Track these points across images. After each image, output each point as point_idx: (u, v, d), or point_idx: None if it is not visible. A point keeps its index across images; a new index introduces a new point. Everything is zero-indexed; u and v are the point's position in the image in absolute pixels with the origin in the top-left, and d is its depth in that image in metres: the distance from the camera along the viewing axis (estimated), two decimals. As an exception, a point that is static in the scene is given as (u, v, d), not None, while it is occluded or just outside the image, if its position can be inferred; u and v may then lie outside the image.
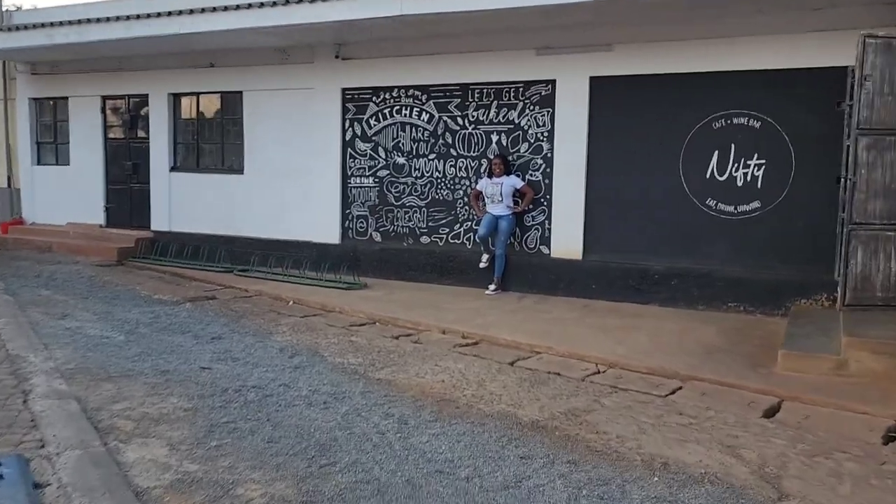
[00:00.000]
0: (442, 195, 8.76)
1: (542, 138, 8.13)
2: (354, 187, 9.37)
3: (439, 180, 8.76)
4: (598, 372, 5.37)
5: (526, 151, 8.23)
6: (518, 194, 8.10)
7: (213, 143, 10.57)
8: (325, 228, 9.54)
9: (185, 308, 7.36)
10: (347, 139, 9.37)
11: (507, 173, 8.09)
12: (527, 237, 8.30)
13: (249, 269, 9.43)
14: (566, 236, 8.00)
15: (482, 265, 8.32)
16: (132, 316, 6.86)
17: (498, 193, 8.05)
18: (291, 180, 9.77)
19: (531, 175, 8.21)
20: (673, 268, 7.45)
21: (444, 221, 8.77)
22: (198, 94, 10.56)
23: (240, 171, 10.23)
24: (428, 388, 4.85)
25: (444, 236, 8.81)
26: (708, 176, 7.32)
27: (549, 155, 8.08)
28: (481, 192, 8.24)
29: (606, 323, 6.72)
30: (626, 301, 7.62)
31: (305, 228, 9.71)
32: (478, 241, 8.29)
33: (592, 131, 7.82)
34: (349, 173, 9.39)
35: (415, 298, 7.87)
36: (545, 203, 8.15)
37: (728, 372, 5.18)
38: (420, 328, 6.74)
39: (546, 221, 8.17)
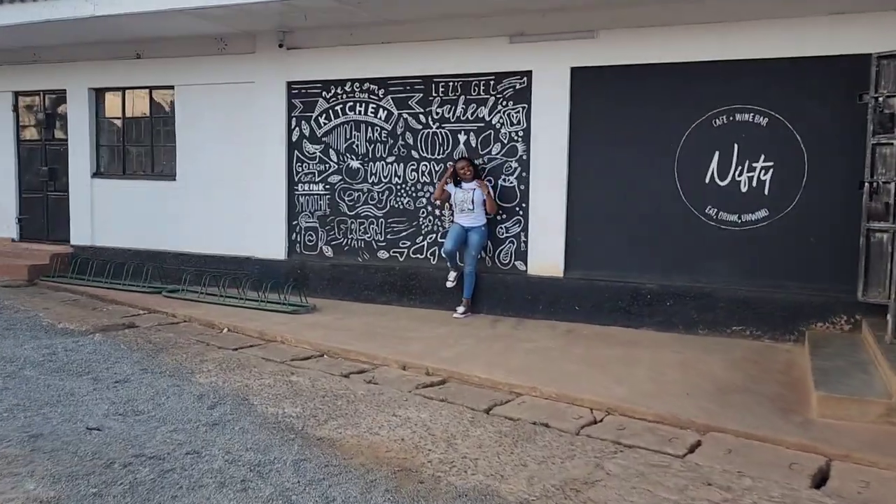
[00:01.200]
0: (402, 203, 7.73)
1: (516, 138, 7.16)
2: (302, 195, 8.27)
3: (399, 187, 7.74)
4: (596, 421, 4.38)
5: (498, 153, 7.26)
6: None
7: (141, 145, 9.36)
8: (268, 242, 8.42)
9: (92, 340, 6.16)
10: (294, 140, 8.28)
11: (478, 178, 7.11)
12: (500, 251, 7.31)
13: (181, 290, 8.25)
14: (545, 250, 7.04)
15: (449, 284, 7.30)
16: (21, 353, 5.64)
17: (469, 202, 7.06)
18: (230, 187, 8.63)
19: (504, 181, 7.23)
20: (668, 287, 6.53)
21: (404, 234, 7.74)
22: (123, 90, 9.34)
23: (171, 177, 9.04)
24: (383, 452, 3.79)
25: (405, 251, 7.77)
26: (707, 181, 6.43)
27: (524, 157, 7.12)
28: (450, 195, 7.26)
29: (596, 354, 5.75)
30: (616, 325, 6.67)
31: (246, 242, 8.57)
32: (444, 256, 7.27)
33: (574, 130, 6.88)
34: (296, 179, 8.29)
35: (371, 324, 6.80)
36: (521, 213, 7.18)
37: (755, 420, 4.23)
38: (376, 362, 5.68)
39: (522, 233, 7.20)
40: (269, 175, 8.34)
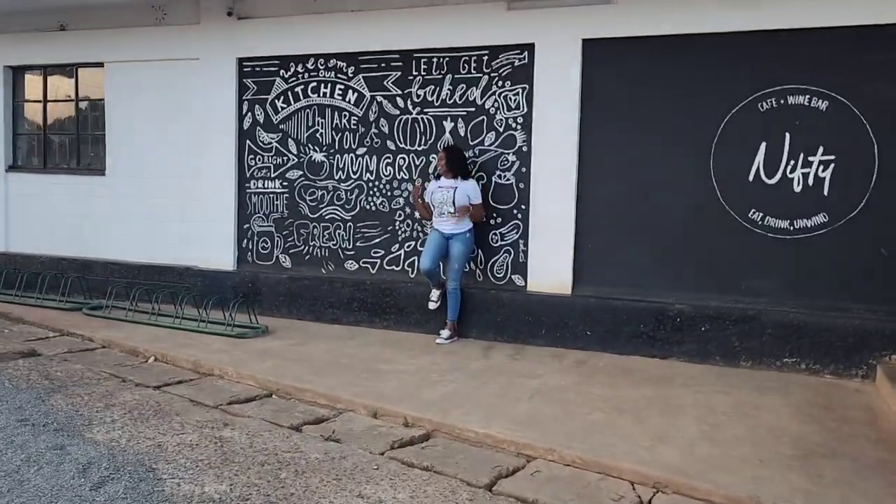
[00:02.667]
0: (375, 204, 6.48)
1: (514, 126, 5.96)
2: (256, 193, 6.97)
3: (371, 184, 6.48)
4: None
5: (492, 144, 6.04)
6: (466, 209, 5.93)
7: (65, 133, 7.98)
8: (214, 250, 7.10)
9: (-31, 375, 4.81)
10: (246, 128, 6.98)
11: (463, 175, 5.90)
12: (493, 263, 6.08)
13: (105, 306, 6.88)
14: (549, 262, 5.83)
15: (432, 305, 6.05)
16: None
17: (448, 203, 5.84)
18: (170, 184, 7.30)
19: (500, 177, 6.02)
20: (702, 308, 5.36)
21: (377, 241, 6.48)
22: (45, 68, 7.96)
23: (101, 171, 7.68)
24: (342, 568, 2.53)
25: (378, 261, 6.51)
26: (751, 178, 5.28)
27: (524, 149, 5.92)
28: (425, 193, 6.08)
29: (623, 395, 4.54)
30: (637, 354, 5.48)
31: (188, 250, 7.24)
32: (422, 272, 6.02)
33: (586, 116, 5.70)
34: (248, 174, 7.00)
35: (335, 352, 5.52)
36: (519, 216, 5.97)
37: (869, 505, 3.05)
38: (339, 406, 4.41)
39: (520, 241, 5.98)
40: (216, 170, 7.04)
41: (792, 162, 5.17)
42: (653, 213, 5.53)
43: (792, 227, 5.18)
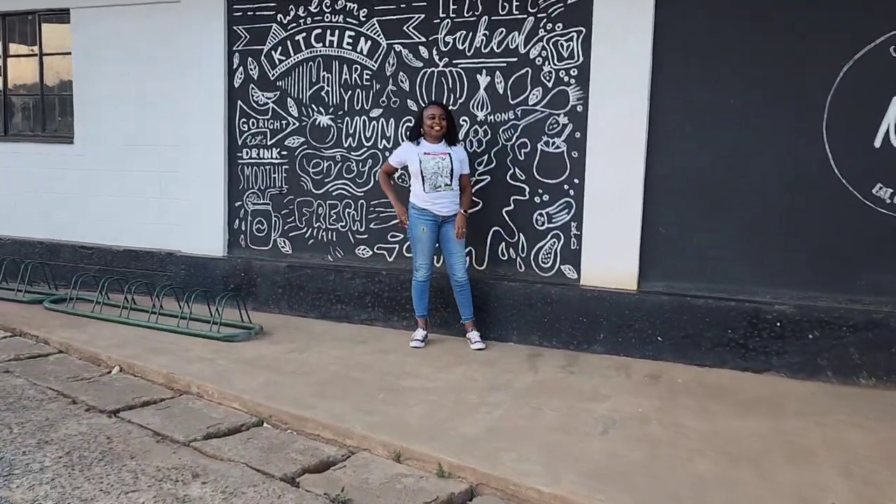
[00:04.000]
0: (393, 178, 5.38)
1: (566, 80, 4.84)
2: (249, 165, 5.89)
3: (389, 153, 5.39)
4: None
5: (538, 103, 4.92)
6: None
7: (27, 95, 6.91)
8: (200, 232, 6.04)
9: None
10: (237, 85, 5.89)
11: (452, 140, 4.81)
12: (538, 250, 5.00)
13: (69, 299, 5.84)
14: (609, 249, 4.74)
15: (416, 345, 4.84)
16: None
17: (445, 173, 4.74)
18: (148, 154, 6.24)
19: (547, 145, 4.91)
20: (810, 309, 4.26)
21: (396, 222, 5.40)
22: (3, 18, 6.87)
23: (68, 138, 6.62)
24: None
25: (396, 247, 5.44)
26: (878, 144, 4.16)
27: (579, 109, 4.80)
28: (397, 171, 5.00)
29: (725, 429, 3.45)
30: (724, 366, 4.40)
31: (170, 232, 6.19)
32: (418, 287, 4.91)
33: (660, 67, 4.58)
34: (240, 142, 5.91)
35: (344, 361, 4.47)
36: (571, 192, 4.87)
37: None
38: (349, 442, 3.35)
39: (572, 224, 4.88)
40: (202, 136, 5.95)
41: (935, 122, 4.05)
42: (745, 189, 4.42)
43: (932, 207, 4.07)
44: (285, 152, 5.75)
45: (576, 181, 4.84)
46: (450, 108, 5.08)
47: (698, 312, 4.48)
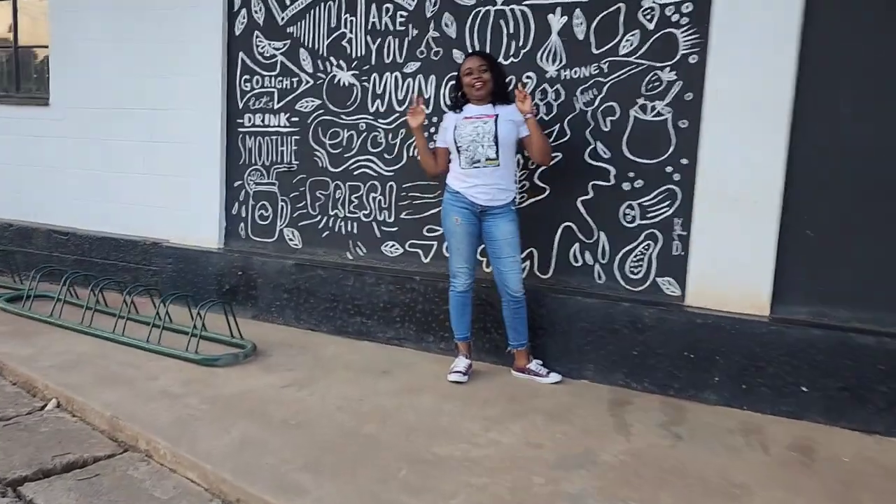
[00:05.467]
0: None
1: (676, 20, 3.50)
2: (252, 133, 4.72)
3: (427, 121, 4.13)
4: None
5: (633, 53, 3.59)
6: (522, 145, 3.57)
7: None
8: (191, 218, 4.90)
9: None
10: (238, 33, 4.70)
11: (502, 99, 3.52)
12: (625, 256, 3.70)
13: (28, 295, 4.74)
14: (729, 258, 3.41)
15: (457, 378, 3.58)
16: None
17: (487, 140, 3.46)
18: (134, 119, 5.12)
19: (643, 110, 3.59)
20: None
21: (435, 212, 4.16)
22: (-28, -46, 5.82)
23: (44, 100, 5.54)
24: None
25: (435, 244, 4.20)
26: None
27: (692, 60, 3.46)
28: (446, 151, 3.65)
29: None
30: (905, 436, 3.07)
31: (155, 216, 5.08)
32: (457, 298, 3.67)
33: (816, 8, 3.22)
34: (241, 105, 4.73)
35: (357, 407, 3.25)
36: (676, 177, 3.55)
37: None
38: (350, 562, 2.16)
39: (676, 221, 3.57)
40: (195, 98, 4.79)
41: None
42: (942, 178, 3.05)
43: None
44: (296, 118, 4.55)
45: (683, 161, 3.52)
46: (510, 60, 3.81)
47: (866, 355, 3.13)
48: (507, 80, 3.63)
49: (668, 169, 3.56)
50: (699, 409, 3.36)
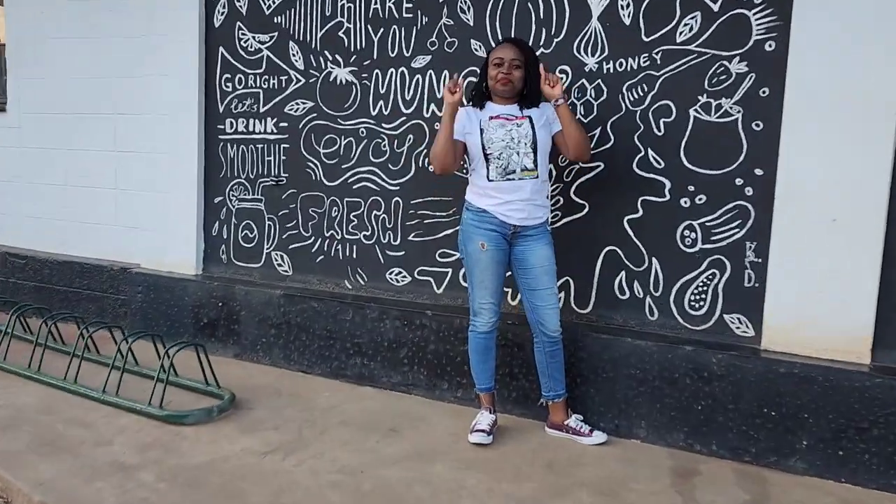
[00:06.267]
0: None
1: (745, 1, 2.88)
2: (234, 141, 4.09)
3: (439, 125, 3.51)
4: None
5: (692, 40, 2.96)
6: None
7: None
8: (165, 240, 4.27)
9: None
10: (218, 25, 4.08)
11: (530, 102, 2.88)
12: (683, 288, 3.04)
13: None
14: (819, 293, 2.75)
15: (480, 439, 2.93)
16: None
17: (524, 146, 2.84)
18: (101, 127, 4.50)
19: (706, 110, 2.95)
20: None
21: (449, 232, 3.52)
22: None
23: (0, 105, 4.93)
24: None
25: (450, 272, 3.56)
26: None
27: (769, 48, 2.83)
28: (462, 147, 2.93)
29: None
30: None
31: (126, 238, 4.46)
32: (478, 340, 2.98)
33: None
34: (222, 109, 4.10)
35: (354, 490, 2.58)
36: (749, 191, 2.91)
37: None
38: None
39: (748, 245, 2.92)
40: (169, 102, 4.17)
41: None
42: None
43: None
44: (285, 123, 3.92)
45: (757, 172, 2.88)
46: (540, 52, 3.18)
47: None
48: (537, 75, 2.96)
49: (738, 181, 2.92)
50: (785, 480, 2.70)
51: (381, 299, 3.67)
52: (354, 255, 3.78)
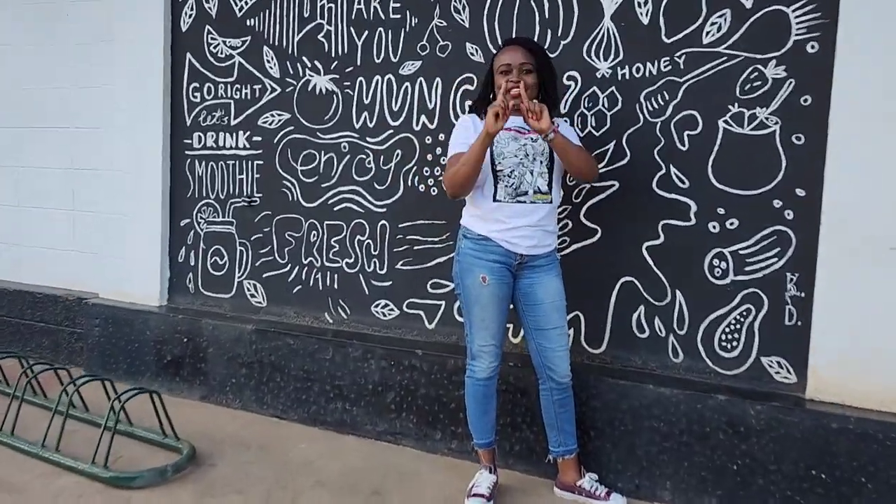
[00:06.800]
0: (437, 182, 3.12)
1: (786, -8, 2.51)
2: (203, 157, 3.69)
3: (432, 140, 3.12)
4: None
5: (720, 42, 2.59)
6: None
7: None
8: (124, 268, 3.85)
9: None
10: (185, 29, 3.69)
11: (552, 109, 2.41)
12: (712, 324, 2.65)
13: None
14: (877, 335, 2.36)
15: (476, 501, 2.50)
16: None
17: (539, 163, 2.44)
18: (55, 142, 4.09)
19: (738, 121, 2.57)
20: None
21: (443, 259, 3.12)
22: None
23: (-50, 118, 4.53)
24: None
25: (442, 304, 3.15)
26: None
27: (812, 50, 2.46)
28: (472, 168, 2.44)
29: None
30: None
31: (83, 266, 4.03)
32: (474, 376, 2.55)
33: None
34: (189, 122, 3.71)
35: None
36: (789, 214, 2.52)
37: None
38: None
39: (787, 276, 2.53)
40: (130, 114, 3.77)
41: None
42: None
43: None
44: (259, 138, 3.53)
45: (799, 193, 2.50)
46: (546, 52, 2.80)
47: None
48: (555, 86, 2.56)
49: (777, 203, 2.54)
50: (842, 559, 2.29)
51: (366, 335, 3.26)
52: (336, 286, 3.38)
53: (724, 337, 2.65)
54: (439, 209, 3.07)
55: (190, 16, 3.65)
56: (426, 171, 3.14)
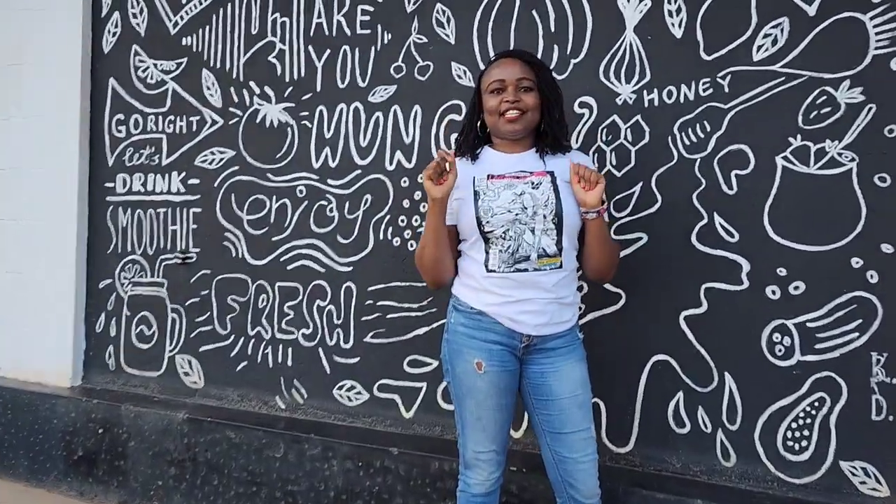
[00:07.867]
0: (413, 234, 2.53)
1: (856, 1, 2.01)
2: (126, 205, 3.06)
3: (405, 182, 2.54)
4: None
5: (772, 59, 2.07)
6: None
7: None
8: (30, 338, 3.17)
9: None
10: (108, 50, 3.10)
11: (554, 144, 1.89)
12: (773, 417, 2.07)
13: None
14: None
15: None
16: None
17: (543, 216, 1.81)
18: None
19: (800, 157, 2.04)
20: None
21: (424, 331, 2.51)
22: None
23: None
24: None
25: (423, 386, 2.53)
26: None
27: (891, 69, 1.96)
28: (455, 236, 1.93)
29: None
30: None
31: (-22, 334, 3.34)
32: (468, 491, 1.92)
33: None
34: (111, 162, 3.09)
35: None
36: (871, 275, 1.98)
37: None
38: None
39: (872, 356, 1.97)
40: (40, 152, 3.15)
41: None
42: None
43: None
44: (196, 180, 2.91)
45: (886, 250, 1.96)
46: (552, 72, 2.26)
47: None
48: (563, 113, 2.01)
49: (856, 262, 2.00)
50: None
51: (327, 427, 2.62)
52: (289, 362, 2.74)
53: (789, 434, 2.07)
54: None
55: (114, 34, 3.06)
56: (402, 221, 2.55)
